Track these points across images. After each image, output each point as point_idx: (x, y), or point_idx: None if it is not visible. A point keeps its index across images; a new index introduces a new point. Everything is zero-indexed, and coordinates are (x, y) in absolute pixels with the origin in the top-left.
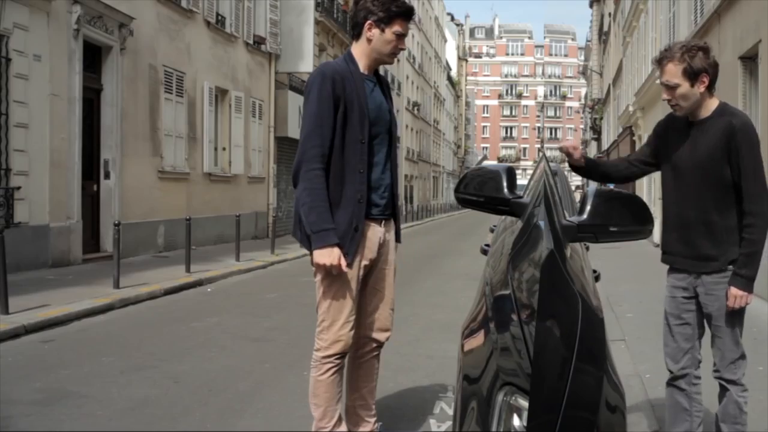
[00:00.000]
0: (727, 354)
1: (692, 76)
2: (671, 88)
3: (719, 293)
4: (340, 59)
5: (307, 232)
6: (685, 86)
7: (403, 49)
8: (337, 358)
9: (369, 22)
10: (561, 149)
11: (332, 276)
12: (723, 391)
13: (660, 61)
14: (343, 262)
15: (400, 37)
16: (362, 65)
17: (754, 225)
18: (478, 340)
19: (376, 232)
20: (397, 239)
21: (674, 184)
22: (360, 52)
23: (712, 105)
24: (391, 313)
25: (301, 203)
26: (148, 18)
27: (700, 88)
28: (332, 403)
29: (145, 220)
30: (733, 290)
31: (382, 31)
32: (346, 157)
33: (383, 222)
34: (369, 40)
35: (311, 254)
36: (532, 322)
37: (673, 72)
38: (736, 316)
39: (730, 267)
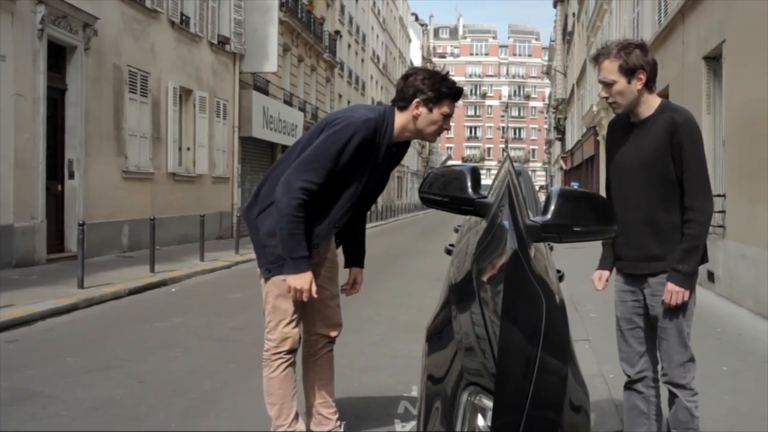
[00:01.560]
0: (675, 357)
1: (628, 72)
2: (608, 85)
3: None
4: (381, 114)
5: (284, 255)
6: (621, 83)
7: (447, 129)
8: (286, 353)
9: (418, 100)
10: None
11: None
12: (672, 396)
13: (597, 58)
14: (314, 288)
15: (447, 117)
16: (397, 134)
17: (695, 220)
18: (442, 339)
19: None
20: (360, 264)
21: (619, 184)
22: (402, 123)
23: (653, 103)
24: (338, 309)
25: (280, 226)
26: (112, 18)
27: (637, 85)
28: (287, 400)
29: (109, 220)
30: (670, 285)
31: (430, 110)
32: (331, 209)
33: None
34: (415, 117)
35: (264, 266)
36: (496, 322)
37: (609, 68)
38: (682, 318)
39: None
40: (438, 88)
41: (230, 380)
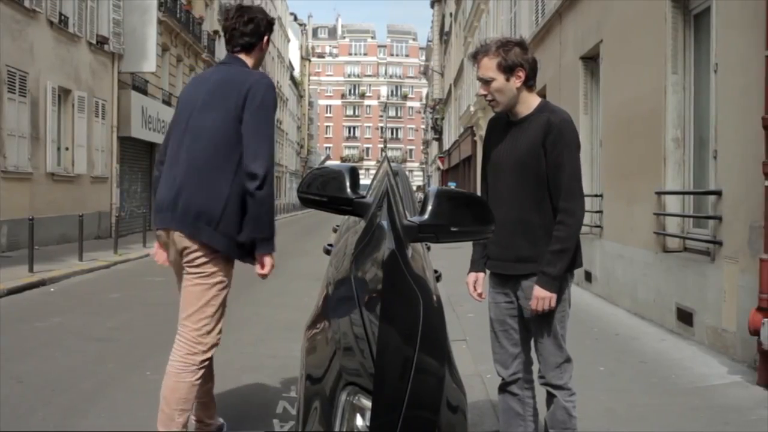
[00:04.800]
0: (551, 359)
1: (507, 69)
2: (486, 82)
3: None
4: (260, 72)
5: (267, 235)
6: (500, 80)
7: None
8: (209, 361)
9: (267, 35)
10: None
11: (226, 283)
12: (550, 397)
13: (475, 56)
14: None
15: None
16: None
17: (565, 223)
18: (321, 339)
19: None
20: None
21: (494, 183)
22: (254, 63)
23: (532, 102)
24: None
25: (266, 208)
26: None
27: (516, 83)
28: (191, 408)
29: None
30: (537, 291)
31: (269, 40)
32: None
33: None
34: (262, 50)
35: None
36: (374, 322)
37: (488, 66)
38: (556, 321)
39: None
40: (268, 19)
41: (109, 380)
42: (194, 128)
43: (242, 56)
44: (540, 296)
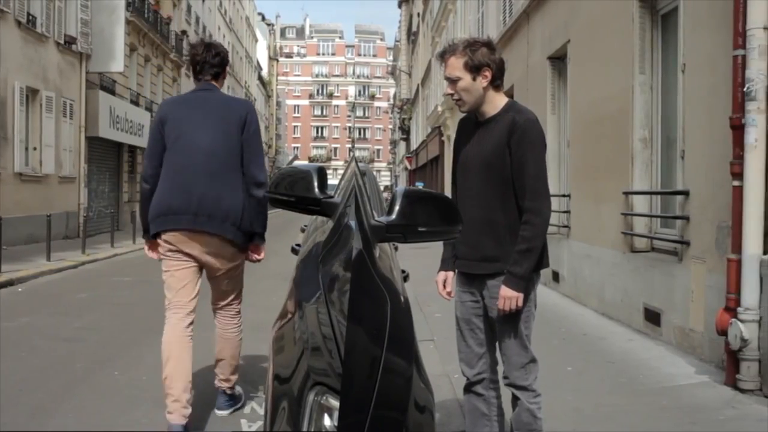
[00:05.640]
0: (515, 359)
1: (474, 69)
2: (453, 81)
3: None
4: (240, 98)
5: (265, 230)
6: (466, 80)
7: None
8: None
9: (227, 64)
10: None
11: None
12: (515, 399)
13: (442, 55)
14: None
15: None
16: None
17: (531, 222)
18: (288, 339)
19: None
20: None
21: (462, 183)
22: (221, 86)
23: (499, 102)
24: None
25: (266, 209)
26: None
27: (483, 83)
28: None
29: None
30: (504, 290)
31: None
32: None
33: None
34: (225, 77)
35: (253, 245)
36: (342, 322)
37: (455, 65)
38: (521, 321)
39: None
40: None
41: (77, 379)
42: (206, 146)
43: (214, 83)
44: (506, 296)
